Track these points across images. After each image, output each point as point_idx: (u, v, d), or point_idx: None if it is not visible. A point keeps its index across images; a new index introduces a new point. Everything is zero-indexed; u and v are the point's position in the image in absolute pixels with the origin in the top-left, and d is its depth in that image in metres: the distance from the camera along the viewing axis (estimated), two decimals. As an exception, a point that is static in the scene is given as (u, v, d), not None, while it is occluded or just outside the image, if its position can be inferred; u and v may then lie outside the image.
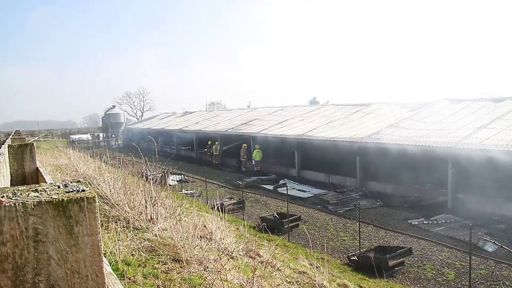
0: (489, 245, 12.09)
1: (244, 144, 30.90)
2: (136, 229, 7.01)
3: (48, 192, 0.97)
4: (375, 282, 10.14)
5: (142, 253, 5.92)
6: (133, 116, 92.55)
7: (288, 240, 13.58)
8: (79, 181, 1.06)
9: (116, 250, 5.57)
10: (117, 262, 5.36)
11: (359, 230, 12.80)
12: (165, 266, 5.63)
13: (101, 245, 0.92)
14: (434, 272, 11.17)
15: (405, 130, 21.72)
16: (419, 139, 19.51)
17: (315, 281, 7.39)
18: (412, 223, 15.61)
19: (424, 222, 15.67)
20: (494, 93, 62.82)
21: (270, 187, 23.34)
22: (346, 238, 14.29)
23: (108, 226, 6.99)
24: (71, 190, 0.96)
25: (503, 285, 10.02)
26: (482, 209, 16.63)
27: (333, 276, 9.15)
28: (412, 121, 23.34)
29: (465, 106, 24.30)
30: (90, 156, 22.67)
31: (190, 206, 9.48)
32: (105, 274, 0.93)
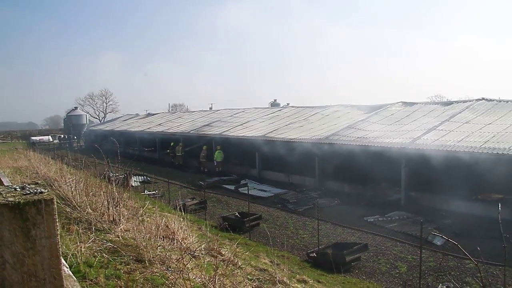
0: (437, 239, 12.78)
1: (205, 146, 31.02)
2: (99, 231, 7.09)
3: (4, 195, 0.94)
4: (333, 277, 10.54)
5: (105, 255, 5.99)
6: (96, 118, 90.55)
7: (250, 239, 13.84)
8: (37, 183, 1.10)
9: (78, 252, 5.61)
10: (78, 264, 5.40)
11: (318, 227, 13.20)
12: (128, 266, 5.72)
13: (59, 247, 0.92)
14: (388, 266, 11.72)
15: (362, 131, 22.43)
16: (374, 140, 20.23)
17: (276, 277, 7.64)
18: (368, 220, 16.23)
19: (379, 219, 16.31)
20: (443, 96, 65.45)
21: (232, 187, 23.57)
22: (305, 235, 14.70)
23: (69, 228, 7.03)
24: (29, 192, 0.96)
25: (449, 275, 10.69)
26: (432, 205, 17.48)
27: (293, 272, 9.45)
28: (368, 122, 24.12)
29: (417, 109, 25.35)
30: (52, 158, 22.18)
31: (153, 207, 9.60)
32: (63, 277, 0.94)
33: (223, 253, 8.28)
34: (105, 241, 6.53)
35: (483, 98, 23.77)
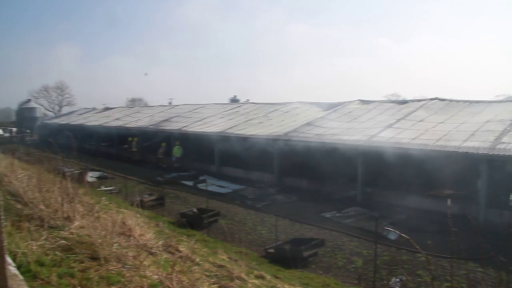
0: (392, 234, 13.13)
1: (163, 143, 30.68)
2: (52, 228, 6.86)
3: None
4: (290, 273, 10.64)
5: (58, 253, 5.80)
6: (51, 111, 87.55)
7: (208, 235, 13.77)
8: None
9: (29, 251, 5.42)
10: (29, 263, 5.20)
11: (276, 223, 13.30)
12: (82, 264, 5.56)
13: (3, 245, 0.87)
14: (344, 261, 11.97)
15: (320, 128, 22.76)
16: (332, 137, 20.57)
17: (233, 274, 7.64)
18: (325, 216, 16.49)
19: (336, 214, 16.62)
20: (398, 95, 67.35)
21: (190, 183, 23.38)
22: (263, 231, 14.78)
23: (20, 225, 6.76)
24: None
25: (402, 268, 11.05)
26: (387, 201, 17.95)
27: (250, 268, 9.47)
28: (326, 120, 24.49)
29: (374, 107, 25.97)
30: (2, 152, 21.31)
31: (109, 203, 9.40)
32: (8, 276, 0.90)
33: (180, 249, 8.20)
34: (58, 238, 6.33)
35: (436, 98, 24.61)
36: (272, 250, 12.10)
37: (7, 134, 62.84)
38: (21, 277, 4.15)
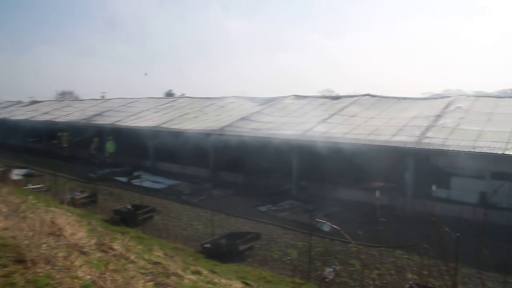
0: (325, 226, 13.51)
1: (95, 138, 29.63)
2: (-28, 231, 6.44)
3: None
4: (227, 267, 10.68)
5: (-23, 257, 5.47)
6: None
7: (143, 232, 13.50)
8: None
9: None
10: None
11: (212, 218, 13.30)
12: (6, 269, 5.25)
13: None
14: (280, 253, 12.18)
15: (256, 122, 22.95)
16: (268, 131, 20.81)
17: (169, 270, 7.56)
18: (261, 210, 16.69)
19: (272, 208, 16.86)
20: (332, 91, 69.26)
21: (124, 179, 22.78)
22: (199, 226, 14.70)
23: None
24: None
25: (335, 258, 11.43)
26: (321, 194, 18.43)
27: (187, 264, 9.41)
28: (262, 114, 24.73)
29: (309, 102, 26.57)
30: None
31: (37, 202, 8.95)
32: None
33: (114, 247, 7.99)
34: (-23, 242, 5.94)
35: (367, 94, 25.59)
36: (208, 245, 12.07)
37: None
38: None
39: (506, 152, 14.14)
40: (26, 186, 18.53)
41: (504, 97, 22.73)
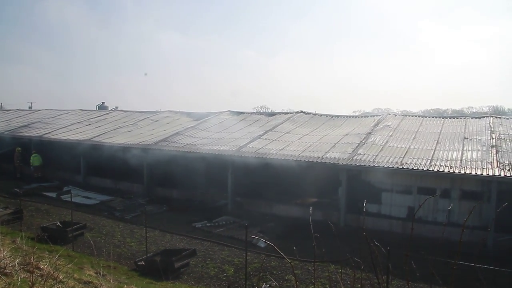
0: (261, 242, 13.57)
1: (17, 148, 27.97)
2: None
3: None
4: (162, 285, 10.42)
5: None
6: None
7: (73, 250, 12.93)
8: None
9: None
10: None
11: (146, 235, 12.93)
12: None
13: None
14: (216, 270, 12.04)
15: (191, 138, 22.76)
16: (203, 147, 20.67)
17: (101, 289, 7.27)
18: (196, 226, 16.47)
19: (207, 224, 16.68)
20: (267, 107, 70.45)
21: (53, 195, 21.65)
22: (133, 244, 14.25)
23: None
24: None
25: (271, 274, 11.47)
26: (257, 210, 18.56)
27: (120, 283, 9.09)
28: (197, 130, 24.59)
29: (244, 118, 26.78)
30: None
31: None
32: None
33: (41, 267, 7.60)
34: None
35: (302, 111, 26.20)
36: (142, 263, 11.73)
37: None
38: None
39: (431, 168, 14.96)
40: None
41: (428, 117, 24.09)
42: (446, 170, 14.76)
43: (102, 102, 50.49)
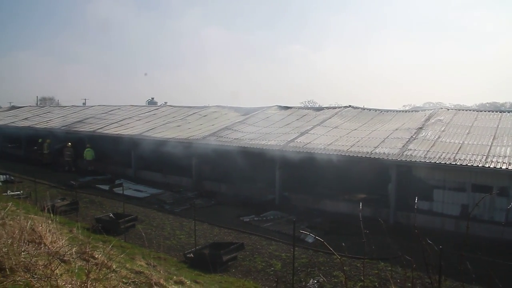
0: (309, 237, 13.49)
1: (68, 143, 29.16)
2: None
3: None
4: (210, 277, 10.55)
5: (-47, 267, 5.29)
6: None
7: (125, 241, 13.30)
8: None
9: None
10: None
11: (195, 228, 13.14)
12: (-17, 276, 5.13)
13: None
14: (263, 264, 12.08)
15: (239, 132, 22.90)
16: (251, 141, 20.76)
17: (152, 280, 7.44)
18: (244, 220, 16.59)
19: (255, 218, 16.77)
20: (315, 102, 69.80)
21: (106, 187, 22.46)
22: (182, 236, 14.54)
23: None
24: None
25: (319, 270, 11.37)
26: (304, 205, 18.43)
27: (170, 274, 9.27)
28: (245, 124, 24.70)
29: (292, 113, 26.66)
30: None
31: (17, 209, 8.71)
32: None
33: (96, 256, 7.84)
34: (-47, 249, 5.75)
35: (350, 106, 25.80)
36: (191, 255, 11.93)
37: None
38: None
39: (487, 165, 14.34)
40: (5, 193, 18.13)
41: (483, 111, 23.12)
42: (504, 167, 14.11)
43: (152, 98, 51.79)
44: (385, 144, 17.66)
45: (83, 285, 5.26)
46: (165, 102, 45.45)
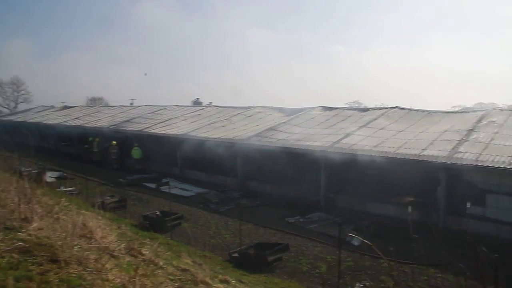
0: (355, 240, 13.25)
1: (113, 142, 30.06)
2: (8, 229, 6.49)
3: None
4: (255, 277, 10.55)
5: (15, 255, 5.49)
6: (5, 108, 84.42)
7: (171, 238, 13.52)
8: None
9: (-18, 253, 5.11)
10: (-18, 266, 4.91)
11: (240, 228, 13.21)
12: (41, 267, 5.28)
13: None
14: (308, 266, 11.97)
15: (283, 133, 22.83)
16: (295, 142, 20.66)
17: (197, 278, 7.50)
18: (289, 221, 16.51)
19: (300, 220, 16.66)
20: (360, 103, 68.55)
21: (153, 186, 22.96)
22: (227, 235, 14.63)
23: (-28, 227, 6.39)
24: None
25: (365, 274, 11.14)
26: (350, 207, 18.14)
27: (215, 272, 9.32)
28: (289, 125, 24.61)
29: (337, 113, 26.34)
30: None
31: (69, 204, 9.02)
32: None
33: (143, 252, 7.98)
34: (15, 240, 5.99)
35: (396, 107, 25.19)
36: (236, 254, 11.98)
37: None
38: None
39: (546, 170, 13.62)
40: (59, 189, 18.85)
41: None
42: None
43: (197, 98, 52.35)
44: (433, 146, 17.11)
45: (131, 280, 5.33)
46: (210, 102, 45.88)
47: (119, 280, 5.47)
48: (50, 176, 22.06)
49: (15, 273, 4.84)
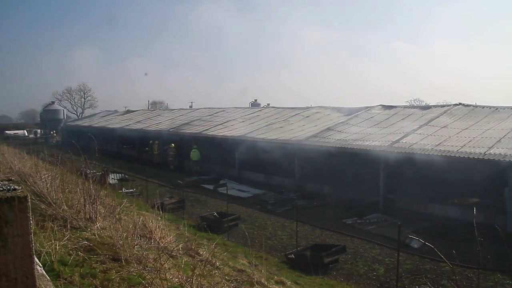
0: (415, 242, 12.87)
1: (171, 144, 30.94)
2: (74, 228, 6.91)
3: (-25, 192, 0.85)
4: (311, 279, 10.52)
5: (80, 253, 5.83)
6: (73, 113, 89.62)
7: (228, 239, 13.74)
8: (11, 180, 1.01)
9: (52, 250, 5.44)
10: (53, 262, 5.22)
11: (296, 229, 13.18)
12: (104, 265, 5.58)
13: (32, 246, 0.85)
14: (366, 268, 11.78)
15: (341, 133, 22.55)
16: (354, 142, 20.35)
17: (254, 278, 7.58)
18: (346, 222, 16.29)
19: (358, 221, 16.40)
20: (421, 100, 66.28)
21: (211, 187, 23.42)
22: (284, 237, 14.68)
23: (44, 225, 6.83)
24: (1, 189, 0.89)
25: (425, 278, 10.80)
26: (409, 208, 17.63)
27: (271, 273, 9.39)
28: (347, 125, 24.27)
29: (396, 112, 25.64)
30: (27, 153, 21.63)
31: (130, 205, 9.43)
32: (36, 276, 0.88)
33: (201, 253, 8.17)
34: (80, 239, 6.36)
35: (460, 103, 24.16)
36: (292, 256, 11.99)
37: (31, 136, 64.13)
38: (48, 277, 4.17)
39: None
40: (120, 190, 19.68)
41: None
42: None
43: (255, 100, 52.87)
44: (501, 145, 16.27)
45: (188, 280, 5.48)
46: (268, 104, 46.19)
47: (177, 279, 5.65)
48: (112, 178, 23.08)
49: (80, 270, 5.15)
